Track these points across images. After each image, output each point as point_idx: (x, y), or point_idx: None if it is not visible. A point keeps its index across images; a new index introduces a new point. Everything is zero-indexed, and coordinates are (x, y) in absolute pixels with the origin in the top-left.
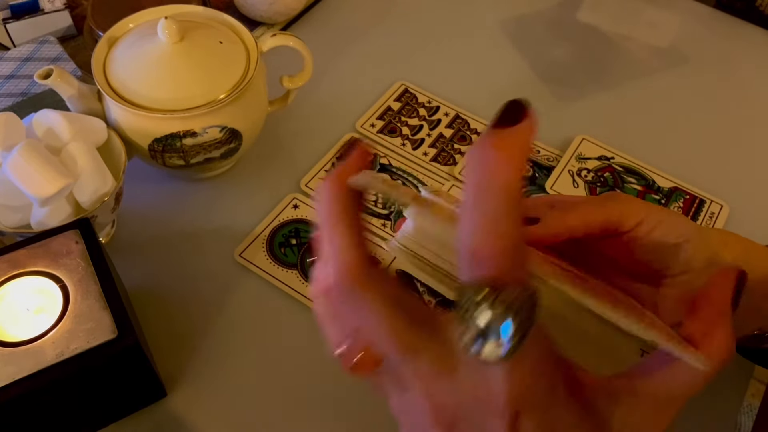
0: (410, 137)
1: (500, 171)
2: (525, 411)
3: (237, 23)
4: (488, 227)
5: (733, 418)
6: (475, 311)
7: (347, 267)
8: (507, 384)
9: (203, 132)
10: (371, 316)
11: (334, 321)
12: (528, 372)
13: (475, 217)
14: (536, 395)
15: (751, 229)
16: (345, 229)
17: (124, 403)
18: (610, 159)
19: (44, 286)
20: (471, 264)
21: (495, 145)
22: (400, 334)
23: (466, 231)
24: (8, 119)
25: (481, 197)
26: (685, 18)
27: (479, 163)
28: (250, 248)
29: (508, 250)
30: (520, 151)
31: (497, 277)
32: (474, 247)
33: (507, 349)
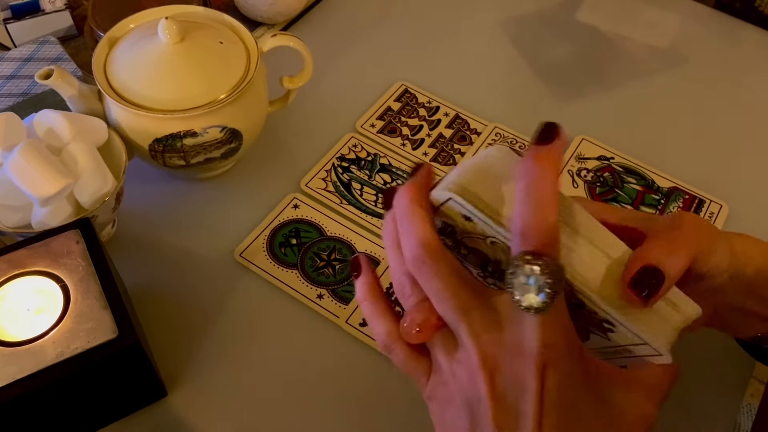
0: (410, 137)
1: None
2: (550, 364)
3: (237, 23)
4: (535, 215)
5: (733, 418)
6: (523, 270)
7: (426, 241)
8: (539, 334)
9: (203, 132)
10: (440, 280)
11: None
12: (555, 329)
13: (525, 207)
14: (560, 351)
15: (751, 229)
16: (423, 214)
17: (124, 403)
18: (610, 159)
19: (45, 286)
20: (521, 239)
21: (538, 158)
22: (461, 295)
23: (518, 216)
24: (9, 119)
25: (530, 194)
26: (685, 18)
27: (529, 171)
28: (250, 248)
29: (549, 231)
30: (556, 162)
31: (539, 249)
32: (524, 227)
33: (543, 299)
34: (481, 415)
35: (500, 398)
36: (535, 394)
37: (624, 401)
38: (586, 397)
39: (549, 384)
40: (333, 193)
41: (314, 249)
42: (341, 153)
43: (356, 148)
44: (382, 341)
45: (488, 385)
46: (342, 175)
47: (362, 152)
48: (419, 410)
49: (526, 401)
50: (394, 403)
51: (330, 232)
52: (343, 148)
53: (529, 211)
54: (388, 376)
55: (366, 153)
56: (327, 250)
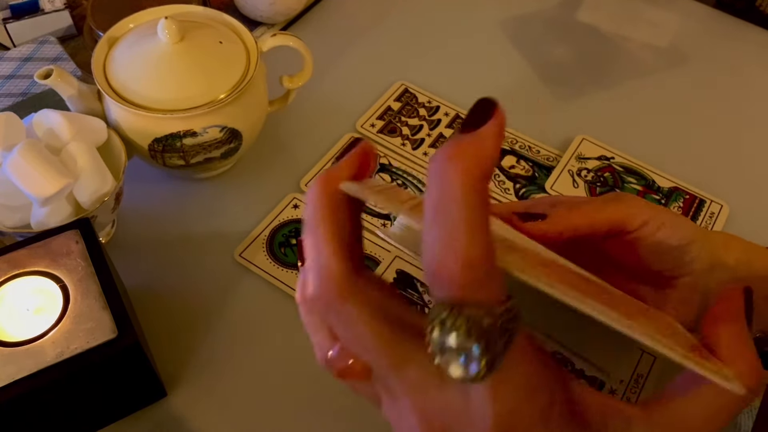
0: (410, 137)
1: (457, 183)
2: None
3: (237, 23)
4: (447, 243)
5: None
6: (443, 330)
7: (330, 277)
8: (491, 404)
9: (203, 132)
10: (355, 329)
11: (319, 327)
12: (515, 390)
13: (434, 233)
14: (527, 416)
15: (751, 229)
16: (329, 234)
17: (124, 403)
18: (610, 159)
19: (44, 286)
20: (433, 283)
21: (450, 156)
22: (386, 346)
23: (426, 249)
24: (8, 119)
25: (439, 212)
26: (685, 18)
27: (437, 176)
28: (250, 248)
29: (469, 266)
30: (481, 159)
31: (458, 296)
32: (435, 266)
33: (475, 371)
34: None
35: None
36: None
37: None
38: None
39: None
40: None
41: None
42: (341, 153)
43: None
44: (319, 359)
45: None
46: None
47: None
48: None
49: None
50: None
51: None
52: (343, 148)
53: (439, 238)
54: None
55: None
56: None
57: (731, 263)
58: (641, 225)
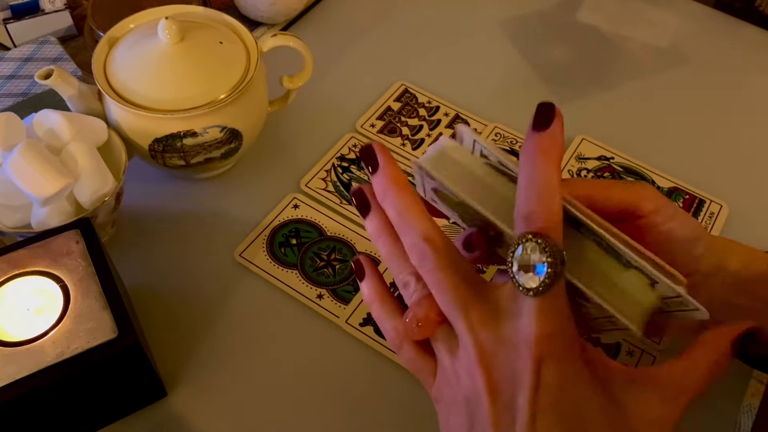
0: (410, 137)
1: (545, 165)
2: (548, 357)
3: (237, 23)
4: (541, 199)
5: (733, 418)
6: (524, 251)
7: (429, 235)
8: (535, 325)
9: (203, 132)
10: (442, 274)
11: (395, 314)
12: (552, 319)
13: (531, 192)
14: (557, 345)
15: (751, 229)
16: (419, 207)
17: (124, 403)
18: (610, 159)
19: (44, 286)
20: (526, 221)
21: (540, 147)
22: (460, 289)
23: (524, 199)
24: (9, 119)
25: (533, 182)
26: (685, 18)
27: (531, 160)
28: (250, 248)
29: (552, 216)
30: (557, 149)
31: (542, 230)
32: (529, 210)
33: (543, 279)
34: (479, 412)
35: (497, 394)
36: (530, 389)
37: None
38: (591, 396)
39: (546, 379)
40: (333, 193)
41: (314, 249)
42: (341, 153)
43: (356, 148)
44: (391, 339)
45: (485, 382)
46: (342, 175)
47: None
48: (419, 410)
49: (522, 396)
50: (395, 402)
51: (330, 232)
52: (343, 148)
53: (532, 197)
54: (388, 376)
55: None
56: (327, 250)
57: (733, 267)
58: (653, 211)
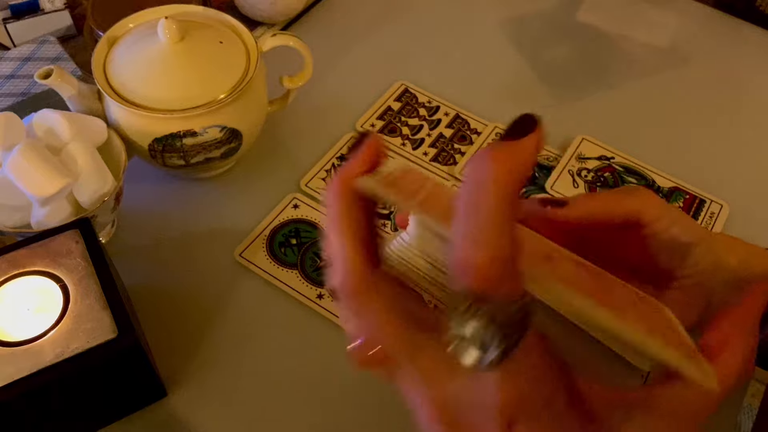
0: (410, 137)
1: (495, 183)
2: (520, 420)
3: (237, 23)
4: (478, 238)
5: (733, 418)
6: (461, 320)
7: (349, 270)
8: (499, 391)
9: (203, 132)
10: (373, 320)
11: (348, 318)
12: (522, 380)
13: (465, 226)
14: (532, 404)
15: (751, 229)
16: (347, 232)
17: (124, 403)
18: (610, 159)
19: (44, 286)
20: (459, 273)
21: (493, 157)
22: (400, 336)
23: (456, 240)
24: (8, 119)
25: (473, 207)
26: (685, 18)
27: (476, 174)
28: (250, 248)
29: (496, 261)
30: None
31: (483, 288)
32: (462, 257)
33: (490, 359)
34: None
35: None
36: None
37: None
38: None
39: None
40: None
41: (314, 249)
42: (341, 153)
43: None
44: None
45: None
46: None
47: None
48: None
49: None
50: (395, 402)
51: None
52: (343, 148)
53: (471, 231)
54: None
55: None
56: None
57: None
58: (655, 219)
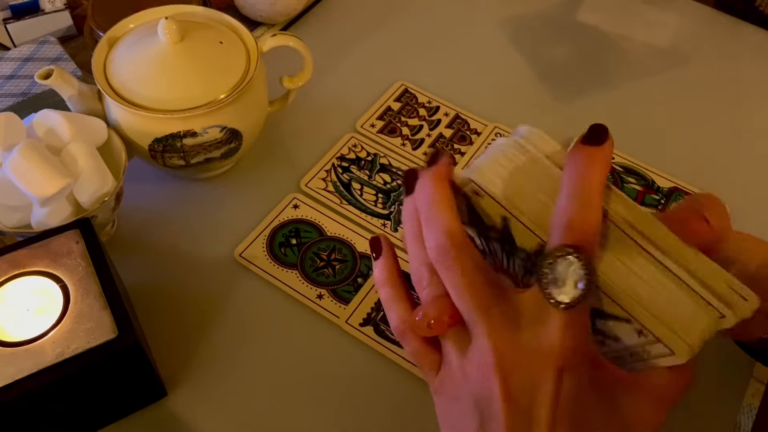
0: (410, 137)
1: (594, 176)
2: (568, 368)
3: (237, 23)
4: (581, 210)
5: (733, 418)
6: (561, 263)
7: (451, 231)
8: (561, 335)
9: (203, 132)
10: (462, 273)
11: (401, 297)
12: (577, 331)
13: (573, 202)
14: (578, 356)
15: (751, 229)
16: (448, 202)
17: (124, 403)
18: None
19: (44, 286)
20: (565, 231)
21: (590, 156)
22: (482, 291)
23: (564, 209)
24: (8, 119)
25: (577, 190)
26: (685, 18)
27: (580, 167)
28: (250, 248)
29: (592, 229)
30: (605, 164)
31: (581, 243)
32: (569, 221)
33: (577, 294)
34: (491, 416)
35: (513, 401)
36: (550, 399)
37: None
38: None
39: (565, 389)
40: (333, 193)
41: (314, 249)
42: (341, 153)
43: (356, 148)
44: (396, 327)
45: (502, 387)
46: (342, 175)
47: (362, 152)
48: (419, 410)
49: (540, 405)
50: (395, 402)
51: (330, 232)
52: (343, 148)
53: (575, 206)
54: (388, 376)
55: (366, 153)
56: (327, 250)
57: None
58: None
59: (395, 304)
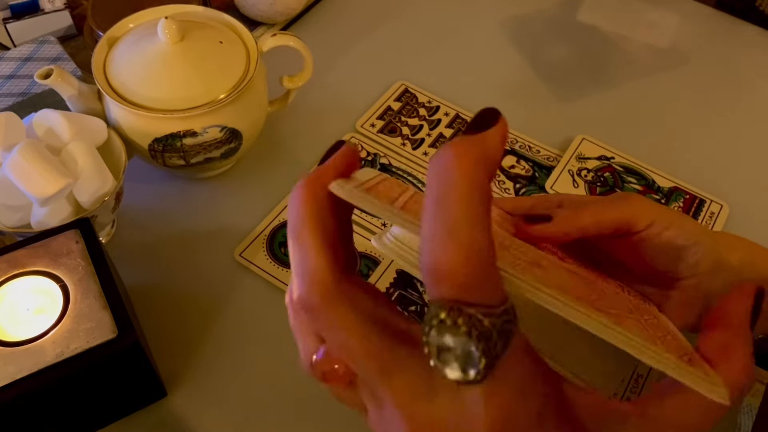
0: (410, 137)
1: (461, 178)
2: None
3: (237, 23)
4: (448, 238)
5: (733, 418)
6: (438, 332)
7: (315, 281)
8: (485, 409)
9: (203, 132)
10: (341, 334)
11: (305, 331)
12: (509, 395)
13: (433, 228)
14: (522, 420)
15: (751, 229)
16: (314, 237)
17: (124, 403)
18: (610, 159)
19: (44, 286)
20: (431, 281)
21: (455, 152)
22: (373, 352)
23: (424, 245)
24: (8, 119)
25: (441, 206)
26: (685, 18)
27: (440, 171)
28: (250, 248)
29: (470, 262)
30: (485, 157)
31: (460, 293)
32: (433, 262)
33: (474, 373)
34: None
35: None
36: None
37: None
38: None
39: None
40: None
41: None
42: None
43: (356, 148)
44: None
45: None
46: None
47: (362, 152)
48: None
49: None
50: None
51: None
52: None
53: (440, 234)
54: None
55: (366, 153)
56: None
57: (735, 264)
58: (648, 225)
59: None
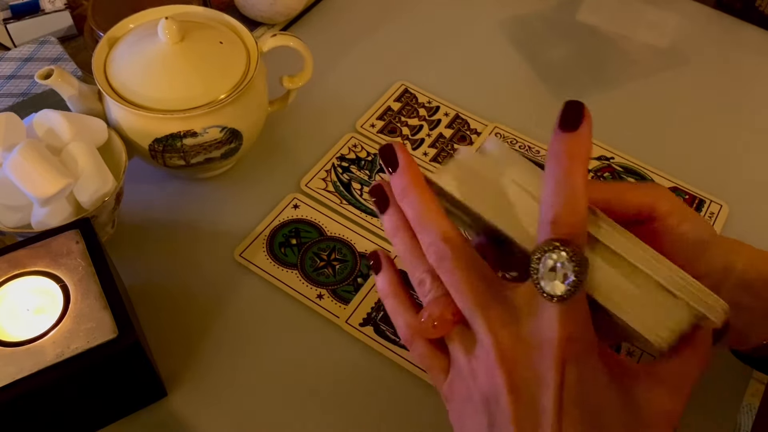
0: (410, 137)
1: (573, 169)
2: (571, 359)
3: (237, 23)
4: (568, 204)
5: (733, 418)
6: (550, 257)
7: (447, 235)
8: (559, 326)
9: (203, 132)
10: (460, 274)
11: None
12: (575, 321)
13: (558, 197)
14: (580, 345)
15: (751, 229)
16: (437, 206)
17: (124, 403)
18: (610, 159)
19: (44, 286)
20: (551, 227)
21: (567, 151)
22: (479, 289)
23: (550, 204)
24: (9, 119)
25: (560, 185)
26: (685, 18)
27: (559, 163)
28: (250, 248)
29: (579, 222)
30: (585, 151)
31: (568, 237)
32: (556, 215)
33: (568, 287)
34: (499, 411)
35: (519, 394)
36: (555, 389)
37: (645, 398)
38: (608, 394)
39: (569, 379)
40: (333, 193)
41: (314, 249)
42: (341, 153)
43: (356, 148)
44: (403, 334)
45: (506, 381)
46: (342, 175)
47: (362, 152)
48: (419, 410)
49: (546, 397)
50: (395, 402)
51: (330, 232)
52: (343, 148)
53: (560, 200)
54: (388, 377)
55: (366, 153)
56: (327, 250)
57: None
58: (668, 212)
59: (400, 312)
